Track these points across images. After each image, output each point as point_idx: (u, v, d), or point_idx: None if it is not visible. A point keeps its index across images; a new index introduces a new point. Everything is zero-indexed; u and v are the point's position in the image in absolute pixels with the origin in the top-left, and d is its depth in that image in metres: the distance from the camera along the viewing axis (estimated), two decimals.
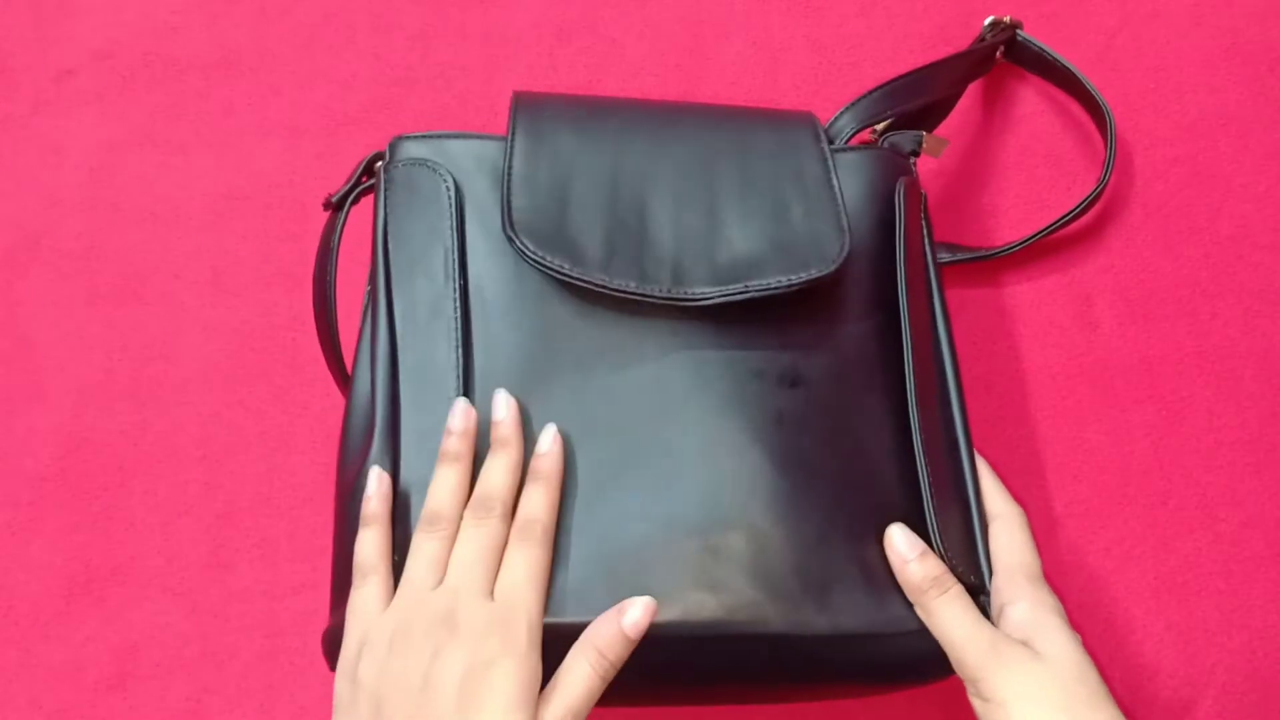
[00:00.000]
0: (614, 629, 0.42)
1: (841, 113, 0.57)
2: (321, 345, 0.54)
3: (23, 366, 0.64)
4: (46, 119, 0.68)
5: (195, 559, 0.61)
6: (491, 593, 0.42)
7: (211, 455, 0.62)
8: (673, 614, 0.44)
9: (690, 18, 0.71)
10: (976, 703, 0.45)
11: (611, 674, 0.42)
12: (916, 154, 0.56)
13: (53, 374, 0.63)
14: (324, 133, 0.68)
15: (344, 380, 0.55)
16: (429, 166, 0.50)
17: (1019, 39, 0.67)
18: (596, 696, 0.42)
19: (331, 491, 0.61)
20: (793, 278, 0.48)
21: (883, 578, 0.46)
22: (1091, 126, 0.68)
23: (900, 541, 0.46)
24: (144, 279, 0.65)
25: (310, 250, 0.57)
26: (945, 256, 0.65)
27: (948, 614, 0.45)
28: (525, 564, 0.43)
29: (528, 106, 0.52)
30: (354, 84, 0.69)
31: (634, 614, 0.42)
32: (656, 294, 0.47)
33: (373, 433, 0.47)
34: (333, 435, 0.62)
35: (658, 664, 0.45)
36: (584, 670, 0.42)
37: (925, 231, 0.54)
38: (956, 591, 0.46)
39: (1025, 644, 0.45)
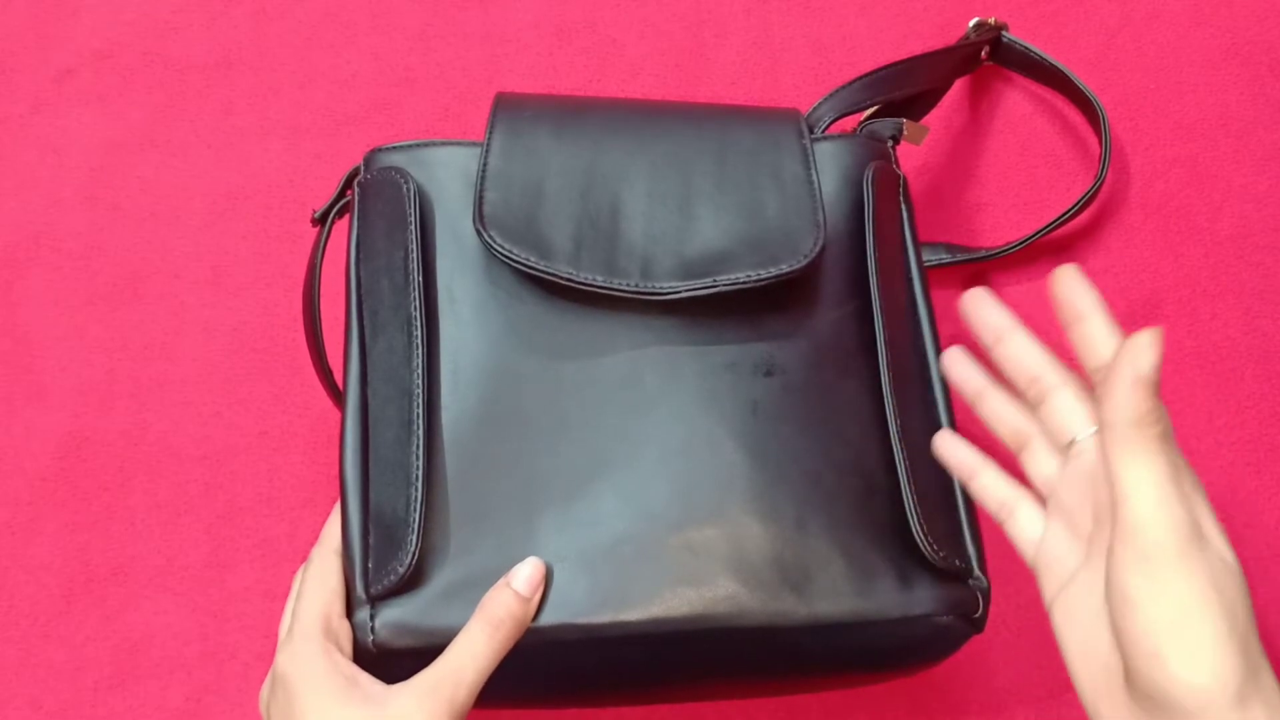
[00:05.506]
0: (505, 592, 0.43)
1: (821, 102, 0.57)
2: (312, 361, 0.54)
3: (23, 366, 0.64)
4: (46, 119, 0.68)
5: (195, 559, 0.61)
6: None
7: (211, 455, 0.62)
8: (653, 611, 0.44)
9: (690, 18, 0.71)
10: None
11: (506, 637, 0.42)
12: (897, 141, 0.56)
13: (53, 374, 0.63)
14: (324, 133, 0.68)
15: (336, 396, 0.55)
16: (394, 173, 0.50)
17: (1004, 40, 0.67)
18: (487, 660, 0.42)
19: (332, 492, 0.61)
20: (762, 272, 0.47)
21: (863, 564, 0.46)
22: (1087, 126, 0.68)
23: (1139, 343, 0.36)
24: (144, 279, 0.65)
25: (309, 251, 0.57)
26: (945, 258, 0.65)
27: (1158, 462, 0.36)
28: (295, 594, 0.46)
29: (508, 106, 0.52)
30: (354, 84, 0.69)
31: (524, 572, 0.43)
32: (624, 288, 0.47)
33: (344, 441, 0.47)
34: (333, 436, 0.62)
35: (641, 661, 0.45)
36: (473, 634, 0.42)
37: (904, 215, 0.54)
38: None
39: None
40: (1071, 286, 0.40)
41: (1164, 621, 0.35)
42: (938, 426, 0.50)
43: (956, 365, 0.45)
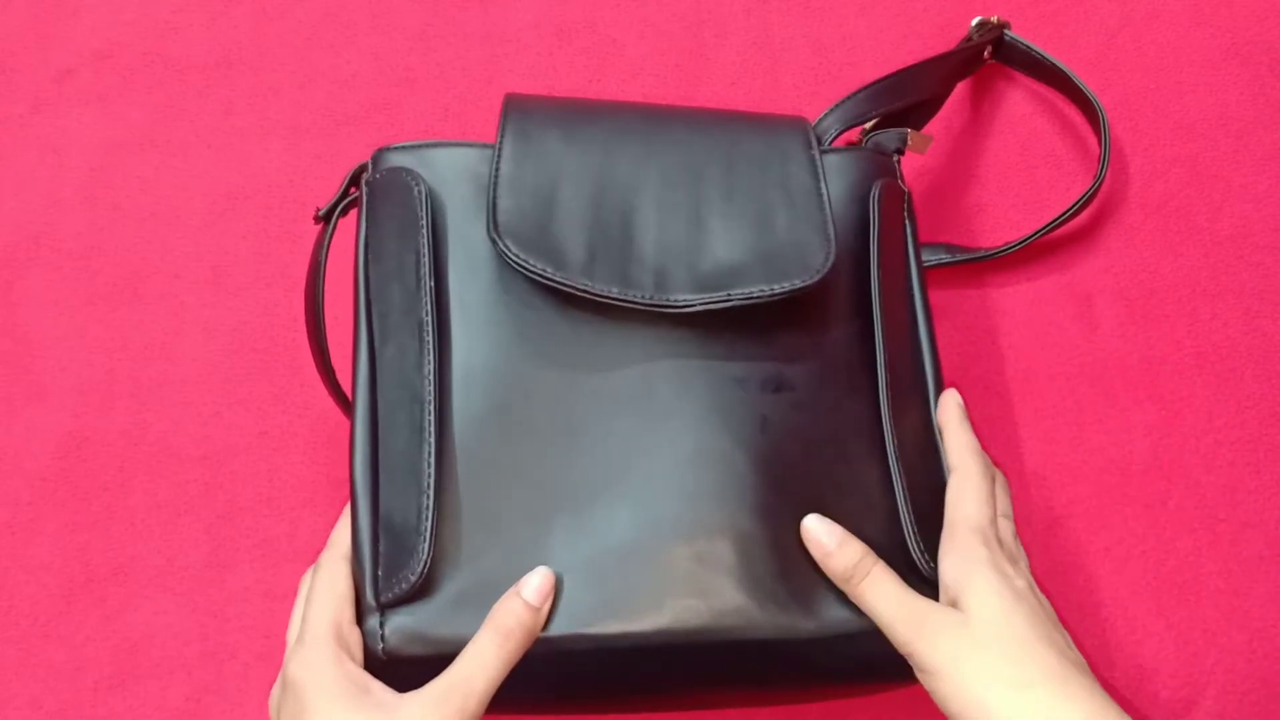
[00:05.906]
0: (515, 601, 0.43)
1: (826, 114, 0.57)
2: (314, 359, 0.54)
3: (23, 366, 0.64)
4: (46, 119, 0.68)
5: (195, 559, 0.61)
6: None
7: (211, 455, 0.62)
8: (662, 621, 0.44)
9: (690, 18, 0.71)
10: (920, 677, 0.44)
11: (516, 646, 0.42)
12: (902, 151, 0.56)
13: (53, 374, 0.63)
14: (324, 133, 0.68)
15: (337, 394, 0.55)
16: (404, 174, 0.49)
17: (1007, 39, 0.67)
18: (497, 669, 0.42)
19: (332, 492, 0.61)
20: (775, 287, 0.47)
21: None
22: (1087, 126, 0.68)
23: (818, 532, 0.46)
24: (144, 279, 0.65)
25: (311, 250, 0.57)
26: (944, 258, 0.65)
27: (874, 595, 0.45)
28: (303, 599, 0.46)
29: (518, 109, 0.51)
30: (354, 84, 0.69)
31: (533, 582, 0.43)
32: (639, 300, 0.47)
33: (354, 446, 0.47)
34: (333, 436, 0.62)
35: (648, 671, 0.45)
36: (483, 643, 0.42)
37: (908, 231, 0.54)
38: (879, 571, 0.45)
39: (955, 602, 0.44)
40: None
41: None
42: (936, 447, 0.50)
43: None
